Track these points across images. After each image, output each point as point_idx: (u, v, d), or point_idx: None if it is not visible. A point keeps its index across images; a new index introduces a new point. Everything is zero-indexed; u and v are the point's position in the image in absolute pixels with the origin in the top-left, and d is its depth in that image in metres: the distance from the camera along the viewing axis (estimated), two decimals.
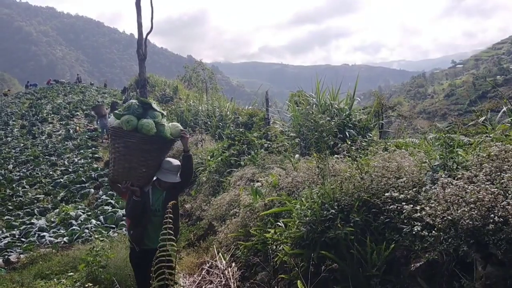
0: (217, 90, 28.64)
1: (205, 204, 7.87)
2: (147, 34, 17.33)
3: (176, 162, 4.27)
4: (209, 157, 9.69)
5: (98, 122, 20.59)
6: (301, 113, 7.70)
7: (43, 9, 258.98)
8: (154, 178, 4.24)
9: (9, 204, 12.86)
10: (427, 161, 3.86)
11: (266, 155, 7.63)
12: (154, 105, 4.21)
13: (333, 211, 3.80)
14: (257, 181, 6.62)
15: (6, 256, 7.98)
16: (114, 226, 9.31)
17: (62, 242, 8.50)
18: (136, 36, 17.64)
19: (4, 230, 10.30)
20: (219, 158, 8.94)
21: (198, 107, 16.20)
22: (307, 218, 3.94)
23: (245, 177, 7.29)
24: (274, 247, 4.41)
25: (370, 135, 7.48)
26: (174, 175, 4.18)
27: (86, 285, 4.94)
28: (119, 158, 4.08)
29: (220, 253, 5.65)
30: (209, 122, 14.14)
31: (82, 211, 10.66)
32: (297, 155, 6.68)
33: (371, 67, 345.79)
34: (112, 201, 10.96)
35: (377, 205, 3.68)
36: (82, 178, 13.96)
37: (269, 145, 8.31)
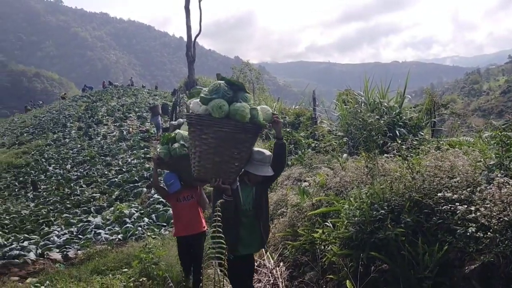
0: (264, 90, 28.73)
1: None
2: (196, 36, 17.73)
3: (267, 152, 3.77)
4: None
5: (152, 120, 21.23)
6: (349, 112, 7.59)
7: (97, 15, 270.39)
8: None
9: (68, 202, 13.54)
10: (482, 160, 3.70)
11: (313, 155, 7.58)
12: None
13: (383, 211, 3.72)
14: (304, 181, 6.60)
15: (65, 252, 8.40)
16: (165, 224, 9.56)
17: (117, 239, 8.81)
18: (185, 39, 18.11)
19: (63, 227, 10.85)
20: None
21: None
22: (356, 219, 3.88)
23: (292, 176, 7.29)
24: (322, 247, 4.38)
25: (422, 133, 7.25)
26: (267, 167, 3.66)
27: (141, 279, 5.14)
28: (207, 152, 3.48)
29: (268, 252, 5.68)
30: None
31: (135, 209, 11.02)
32: (345, 155, 6.60)
33: (423, 64, 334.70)
34: (163, 200, 11.27)
35: (429, 205, 3.57)
36: (135, 178, 14.43)
37: (316, 145, 8.25)
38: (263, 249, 5.83)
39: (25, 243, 9.54)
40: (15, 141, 26.39)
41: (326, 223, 4.59)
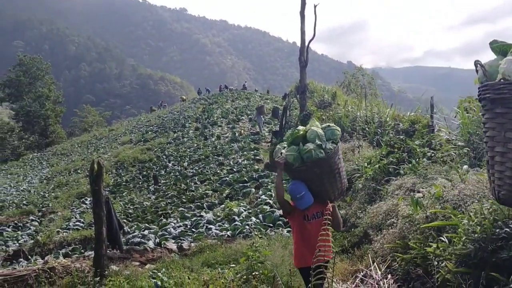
0: (377, 95, 27.85)
1: (360, 211, 7.73)
2: (309, 41, 17.78)
3: None
4: (366, 164, 9.48)
5: (257, 119, 24.04)
6: (472, 120, 7.03)
7: (217, 22, 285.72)
8: None
9: (183, 197, 14.50)
10: None
11: (429, 165, 7.14)
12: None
13: (508, 229, 3.38)
14: (418, 192, 6.25)
15: (179, 243, 9.00)
16: (271, 225, 9.74)
17: (226, 236, 9.20)
18: (299, 44, 18.25)
19: (179, 220, 11.65)
20: (377, 166, 8.68)
21: (356, 113, 15.97)
22: (476, 235, 3.58)
23: (405, 186, 6.94)
24: (436, 262, 4.12)
25: None
26: None
27: (252, 274, 5.29)
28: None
29: (375, 263, 5.48)
30: (367, 128, 13.83)
31: (244, 208, 11.40)
32: (465, 166, 6.11)
33: None
34: (270, 201, 11.49)
35: None
36: (245, 178, 14.93)
37: (433, 154, 7.76)
38: (370, 260, 5.66)
39: (146, 232, 10.44)
40: (141, 138, 29.03)
41: (441, 238, 4.30)
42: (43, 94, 52.15)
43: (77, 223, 14.01)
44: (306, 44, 17.91)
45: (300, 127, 4.19)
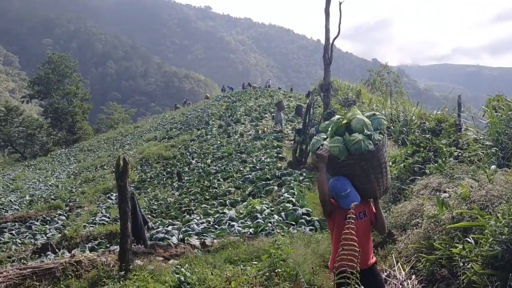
0: (402, 94, 27.48)
1: (384, 211, 7.65)
2: (334, 39, 17.66)
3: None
4: (390, 163, 9.38)
5: (276, 115, 24.25)
6: (501, 119, 6.86)
7: (242, 20, 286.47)
8: None
9: (207, 194, 14.60)
10: None
11: (456, 164, 7.02)
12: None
13: None
14: (444, 192, 6.15)
15: (202, 239, 9.08)
16: (294, 223, 9.72)
17: (248, 233, 9.21)
18: (323, 41, 18.13)
19: (202, 217, 11.74)
20: (402, 165, 8.58)
21: (381, 111, 15.80)
22: (503, 237, 3.51)
23: (430, 186, 6.84)
24: (462, 264, 4.05)
25: None
26: None
27: (275, 271, 5.32)
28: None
29: (399, 263, 5.43)
30: (392, 127, 13.66)
31: (266, 206, 11.41)
32: (493, 166, 5.98)
33: None
34: (293, 199, 11.47)
35: None
36: (267, 176, 14.93)
37: (460, 154, 7.62)
38: (394, 260, 5.60)
39: (169, 228, 10.56)
40: (165, 135, 29.39)
41: (467, 239, 4.23)
42: (71, 91, 53.32)
43: (103, 218, 14.29)
44: (331, 41, 17.79)
45: (340, 116, 3.84)
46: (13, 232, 14.18)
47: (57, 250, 10.50)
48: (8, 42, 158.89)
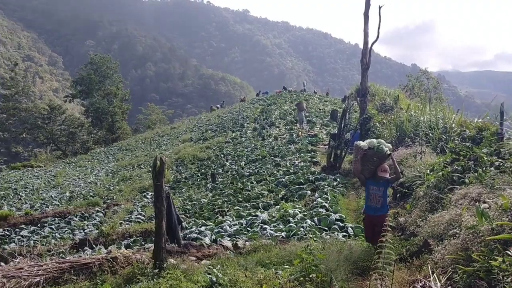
0: (442, 100, 26.77)
1: (420, 220, 7.47)
2: (373, 43, 17.42)
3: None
4: (428, 171, 9.15)
5: (298, 115, 26.30)
6: None
7: (279, 23, 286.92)
8: None
9: (240, 196, 14.69)
10: None
11: (497, 174, 6.78)
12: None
13: None
14: (484, 202, 5.96)
15: (234, 241, 9.14)
16: (326, 229, 9.63)
17: (280, 237, 9.19)
18: (361, 45, 17.93)
19: (234, 218, 11.82)
20: (440, 173, 8.34)
21: (419, 117, 15.43)
22: None
23: (469, 196, 6.63)
24: (501, 277, 3.91)
25: None
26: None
27: (309, 276, 5.31)
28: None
29: (435, 274, 5.29)
30: (430, 134, 13.32)
31: (299, 210, 11.36)
32: None
33: None
34: (326, 204, 11.38)
35: None
36: (301, 180, 14.87)
37: (501, 164, 7.34)
38: (429, 270, 5.47)
39: (202, 228, 10.69)
40: (201, 137, 29.78)
41: (507, 252, 4.08)
42: (111, 91, 54.90)
43: (139, 216, 14.62)
44: (369, 46, 17.55)
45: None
46: (53, 226, 14.74)
47: (94, 245, 10.84)
48: (52, 43, 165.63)
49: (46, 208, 18.40)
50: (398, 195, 9.97)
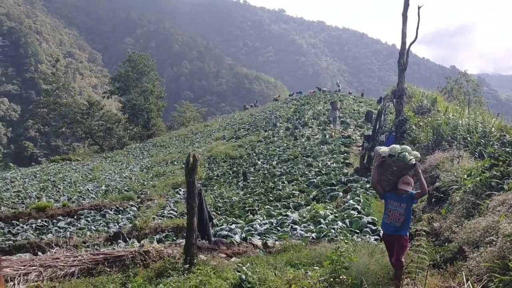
0: (481, 103, 25.97)
1: (456, 225, 7.27)
2: (411, 44, 17.05)
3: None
4: (465, 175, 8.90)
5: (331, 114, 26.77)
6: None
7: (315, 23, 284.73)
8: None
9: (271, 195, 14.70)
10: None
11: None
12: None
13: None
14: None
15: (264, 240, 9.16)
16: (358, 231, 9.51)
17: (311, 237, 9.15)
18: (398, 46, 17.57)
19: (265, 217, 11.84)
20: (478, 178, 8.09)
21: (457, 120, 15.01)
22: None
23: (508, 203, 6.41)
24: None
25: None
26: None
27: (340, 277, 5.28)
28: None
29: (469, 282, 5.14)
30: (469, 138, 12.93)
31: (330, 211, 11.26)
32: None
33: None
34: (358, 206, 11.23)
35: None
36: (333, 181, 14.73)
37: None
38: (464, 278, 5.32)
39: (233, 226, 10.77)
40: (233, 135, 29.99)
41: None
42: (148, 89, 56.01)
43: (171, 211, 14.87)
44: (407, 46, 17.18)
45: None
46: (89, 219, 15.21)
47: (127, 239, 11.11)
48: (93, 40, 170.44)
49: (83, 200, 18.99)
50: (433, 199, 9.74)
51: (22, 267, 6.86)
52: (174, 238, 10.92)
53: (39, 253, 9.61)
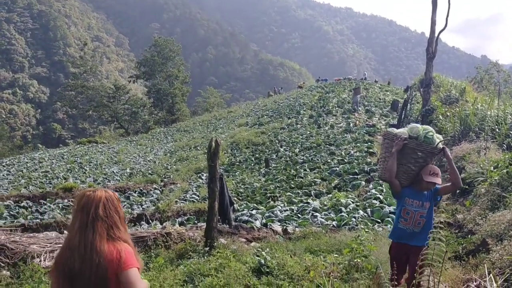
0: None
1: (480, 218, 7.15)
2: (440, 32, 16.67)
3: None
4: (492, 167, 8.71)
5: (353, 99, 27.46)
6: None
7: (342, 9, 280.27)
8: None
9: (292, 183, 14.71)
10: None
11: None
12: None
13: None
14: None
15: (284, 226, 9.21)
16: (379, 220, 9.45)
17: (331, 225, 9.14)
18: (427, 34, 17.20)
19: (285, 204, 11.88)
20: (505, 171, 7.91)
21: (486, 111, 14.65)
22: None
23: None
24: None
25: None
26: None
27: (354, 260, 5.27)
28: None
29: (491, 274, 5.07)
30: (497, 130, 12.62)
31: (352, 200, 11.21)
32: None
33: None
34: (380, 196, 11.13)
35: None
36: (355, 170, 14.62)
37: None
38: (486, 270, 5.24)
39: (254, 212, 10.85)
40: (256, 122, 29.99)
41: None
42: (173, 74, 56.38)
43: (193, 195, 15.06)
44: (436, 34, 16.79)
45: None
46: None
47: (150, 221, 11.34)
48: (120, 25, 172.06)
49: (108, 182, 19.40)
50: (458, 191, 9.58)
51: (49, 244, 7.08)
52: (196, 221, 11.07)
53: (65, 231, 9.90)
